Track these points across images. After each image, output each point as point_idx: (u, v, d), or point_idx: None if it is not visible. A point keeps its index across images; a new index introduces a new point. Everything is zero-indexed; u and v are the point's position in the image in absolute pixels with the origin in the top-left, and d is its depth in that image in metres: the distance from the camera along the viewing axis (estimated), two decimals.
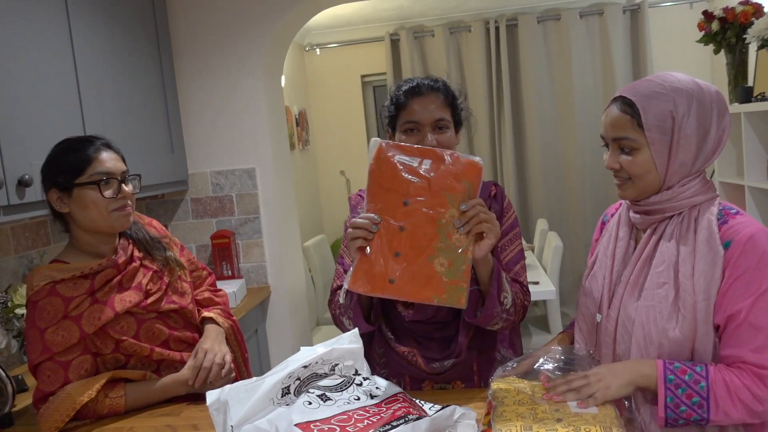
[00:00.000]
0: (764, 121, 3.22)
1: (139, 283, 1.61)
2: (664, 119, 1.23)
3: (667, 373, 1.19)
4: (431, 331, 1.59)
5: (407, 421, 1.18)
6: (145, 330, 1.60)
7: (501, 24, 4.78)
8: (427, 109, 1.54)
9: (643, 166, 1.26)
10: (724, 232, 1.22)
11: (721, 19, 3.48)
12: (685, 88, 1.24)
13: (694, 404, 1.18)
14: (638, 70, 4.69)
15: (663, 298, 1.25)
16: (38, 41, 1.98)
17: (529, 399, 1.23)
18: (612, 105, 1.30)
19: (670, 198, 1.27)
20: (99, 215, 1.53)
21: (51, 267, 1.55)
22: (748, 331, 1.18)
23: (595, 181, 4.81)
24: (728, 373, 1.19)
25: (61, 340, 1.49)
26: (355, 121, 5.29)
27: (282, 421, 1.19)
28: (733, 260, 1.20)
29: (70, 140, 1.59)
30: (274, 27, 2.84)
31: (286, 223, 3.08)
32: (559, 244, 3.56)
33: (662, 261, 1.27)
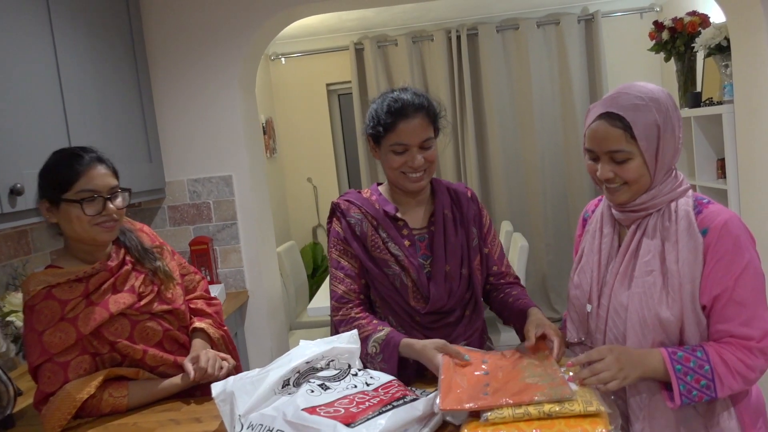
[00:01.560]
0: (712, 125, 3.41)
1: (132, 286, 1.66)
2: (651, 129, 1.35)
3: (674, 364, 1.32)
4: (437, 320, 1.70)
5: (406, 402, 1.28)
6: (139, 331, 1.65)
7: (462, 33, 4.93)
8: (415, 131, 1.63)
9: (637, 171, 1.37)
10: (701, 221, 1.36)
11: (670, 29, 3.68)
12: (657, 97, 1.36)
13: (703, 387, 1.32)
14: (593, 77, 4.89)
15: (652, 285, 1.37)
16: (25, 57, 2.02)
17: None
18: (598, 121, 1.38)
19: (654, 197, 1.40)
20: (82, 229, 1.58)
21: (46, 272, 1.59)
22: (733, 307, 1.33)
23: (555, 183, 5.00)
24: (723, 350, 1.33)
25: (58, 342, 1.54)
26: (322, 129, 5.37)
27: (289, 407, 1.27)
28: (711, 245, 1.34)
29: (65, 152, 1.62)
30: (249, 39, 2.92)
31: (262, 229, 3.15)
32: (524, 244, 3.70)
33: (648, 251, 1.40)
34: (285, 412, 1.26)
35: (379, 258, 1.69)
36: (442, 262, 1.69)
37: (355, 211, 1.74)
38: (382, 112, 1.65)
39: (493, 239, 1.80)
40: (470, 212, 1.76)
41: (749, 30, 2.69)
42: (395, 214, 1.72)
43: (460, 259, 1.71)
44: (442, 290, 1.68)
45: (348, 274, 1.73)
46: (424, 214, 1.76)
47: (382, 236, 1.70)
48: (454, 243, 1.71)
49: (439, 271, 1.68)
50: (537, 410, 1.21)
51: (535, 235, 5.00)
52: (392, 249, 1.69)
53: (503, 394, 1.26)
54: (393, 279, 1.68)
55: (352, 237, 1.72)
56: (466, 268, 1.72)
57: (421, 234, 1.73)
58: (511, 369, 1.39)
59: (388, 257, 1.69)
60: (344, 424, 1.19)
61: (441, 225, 1.72)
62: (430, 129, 1.66)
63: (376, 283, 1.71)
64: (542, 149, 4.96)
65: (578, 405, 1.21)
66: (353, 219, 1.73)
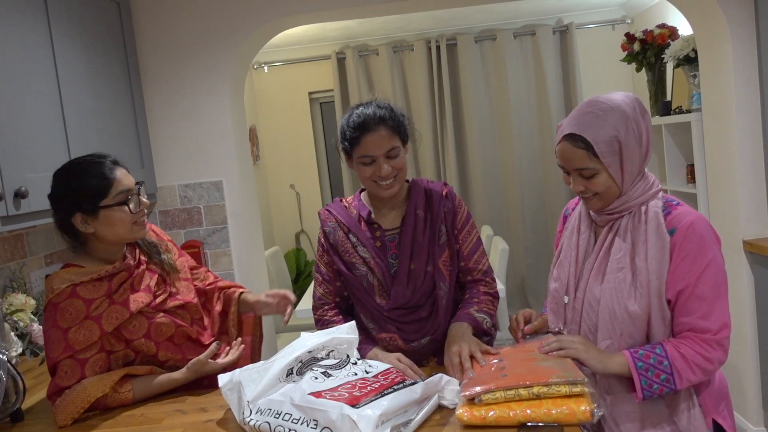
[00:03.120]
0: (682, 132, 3.56)
1: (147, 285, 1.75)
2: (612, 143, 1.44)
3: (636, 362, 1.44)
4: (407, 315, 1.82)
5: (405, 386, 1.38)
6: (155, 327, 1.73)
7: (441, 43, 5.06)
8: (378, 143, 1.73)
9: (605, 184, 1.48)
10: (669, 221, 1.47)
11: (641, 40, 3.83)
12: (619, 109, 1.45)
13: (663, 381, 1.43)
14: (568, 85, 5.05)
15: (622, 281, 1.49)
16: (26, 65, 2.08)
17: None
18: (564, 142, 1.48)
19: (626, 201, 1.51)
20: (125, 230, 1.67)
21: (69, 271, 1.66)
22: (694, 302, 1.44)
23: (532, 189, 5.14)
24: (681, 345, 1.44)
25: (83, 339, 1.62)
26: (304, 137, 5.46)
27: (295, 393, 1.37)
28: (678, 244, 1.45)
29: (80, 164, 1.67)
30: (238, 48, 3.00)
31: (251, 233, 3.22)
32: (505, 247, 3.82)
33: (619, 250, 1.51)
34: (292, 397, 1.35)
35: (348, 261, 1.84)
36: (407, 261, 1.80)
37: (331, 220, 1.88)
38: (347, 128, 1.77)
39: (466, 235, 1.87)
40: (441, 210, 1.84)
41: (715, 42, 2.84)
42: (369, 218, 1.85)
43: (426, 257, 1.81)
44: (404, 288, 1.79)
45: (325, 278, 1.91)
46: (398, 216, 1.87)
47: (352, 241, 1.84)
48: (421, 242, 1.81)
49: (403, 270, 1.80)
50: (527, 392, 1.32)
51: (514, 238, 5.13)
52: (361, 252, 1.82)
53: (521, 376, 1.35)
54: (361, 279, 1.82)
55: (327, 245, 1.88)
56: (431, 265, 1.82)
57: (392, 235, 1.85)
58: (524, 357, 1.49)
59: (356, 260, 1.82)
60: (350, 405, 1.28)
61: (411, 225, 1.82)
62: (395, 138, 1.75)
63: (348, 284, 1.87)
64: (520, 156, 5.10)
65: (564, 387, 1.32)
66: (328, 228, 1.88)
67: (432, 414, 1.42)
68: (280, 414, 1.34)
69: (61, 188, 1.65)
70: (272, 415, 1.35)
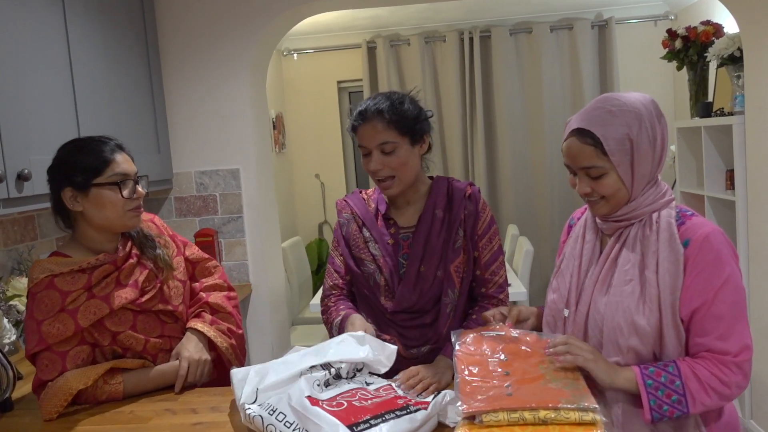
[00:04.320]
0: (723, 135, 3.40)
1: (136, 281, 1.67)
2: (623, 142, 1.33)
3: (645, 379, 1.31)
4: (410, 320, 1.72)
5: (410, 412, 1.28)
6: (141, 322, 1.66)
7: (474, 35, 4.92)
8: (370, 134, 1.65)
9: (613, 186, 1.37)
10: (683, 232, 1.35)
11: (683, 37, 3.66)
12: (633, 108, 1.34)
13: (674, 402, 1.30)
14: (605, 82, 4.87)
15: (629, 294, 1.36)
16: (36, 42, 2.03)
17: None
18: (571, 138, 1.38)
19: (635, 208, 1.39)
20: (115, 214, 1.60)
21: (51, 260, 1.60)
22: (711, 321, 1.31)
23: (562, 189, 4.98)
24: (696, 365, 1.31)
25: (56, 332, 1.55)
26: (331, 126, 5.38)
27: (294, 392, 1.30)
28: (692, 258, 1.32)
29: (82, 141, 1.64)
30: (260, 32, 2.92)
31: (267, 224, 3.16)
32: (529, 249, 3.70)
33: (628, 260, 1.39)
34: (291, 395, 1.29)
35: (358, 257, 1.76)
36: (417, 262, 1.71)
37: (347, 211, 1.82)
38: (351, 115, 1.71)
39: (487, 242, 1.76)
40: (460, 212, 1.73)
41: (762, 41, 2.67)
42: (386, 213, 1.77)
43: (437, 261, 1.71)
44: (410, 290, 1.70)
45: (336, 269, 1.83)
46: (415, 213, 1.77)
47: (365, 236, 1.76)
48: (435, 244, 1.71)
49: (412, 272, 1.70)
50: (533, 416, 1.21)
51: (541, 239, 4.99)
52: (372, 248, 1.74)
53: (527, 398, 1.24)
54: (368, 277, 1.74)
55: (341, 236, 1.81)
56: (442, 270, 1.71)
57: (406, 233, 1.75)
58: (532, 371, 1.35)
59: (366, 256, 1.74)
60: (346, 426, 1.19)
61: (426, 225, 1.72)
62: (390, 133, 1.65)
63: (355, 280, 1.79)
64: (551, 155, 4.95)
65: (574, 414, 1.21)
66: (343, 219, 1.81)
67: None
68: (275, 411, 1.27)
69: (57, 160, 1.61)
70: (268, 410, 1.28)
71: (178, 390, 1.65)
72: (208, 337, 1.76)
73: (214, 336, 1.77)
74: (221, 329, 1.81)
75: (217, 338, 1.78)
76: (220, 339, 1.79)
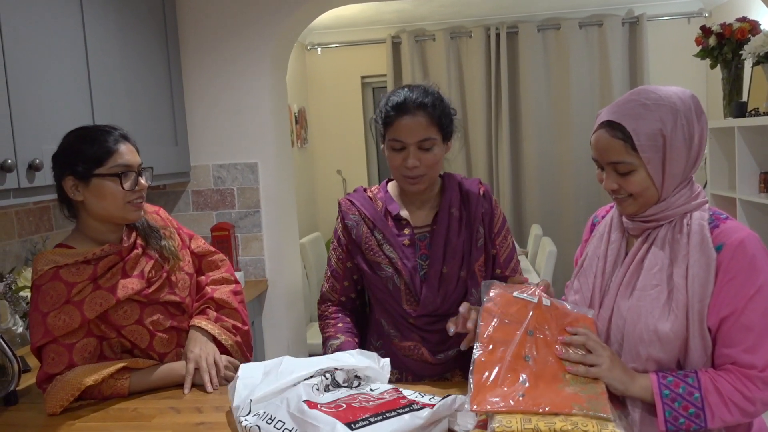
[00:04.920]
0: (757, 136, 3.29)
1: (142, 271, 1.63)
2: (655, 138, 1.25)
3: (662, 389, 1.24)
4: (433, 323, 1.65)
5: (412, 410, 1.22)
6: (148, 314, 1.62)
7: (501, 31, 4.84)
8: (413, 129, 1.56)
9: (642, 184, 1.29)
10: (716, 236, 1.27)
11: (718, 34, 3.55)
12: (668, 102, 1.26)
13: (691, 415, 1.22)
14: (635, 81, 4.76)
15: (654, 299, 1.29)
16: (51, 31, 2.00)
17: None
18: (600, 130, 1.31)
19: (665, 208, 1.31)
20: (114, 206, 1.56)
21: (55, 252, 1.57)
22: (740, 332, 1.23)
23: (588, 189, 4.88)
24: (719, 378, 1.23)
25: (62, 324, 1.52)
26: (354, 122, 5.33)
27: (293, 397, 1.26)
28: (724, 264, 1.24)
29: (87, 129, 1.60)
30: (281, 25, 2.88)
31: (285, 219, 3.12)
32: (552, 249, 3.61)
33: (655, 264, 1.31)
34: (289, 401, 1.24)
35: (373, 261, 1.67)
36: (439, 263, 1.63)
37: (354, 212, 1.71)
38: (385, 105, 1.60)
39: (503, 240, 1.71)
40: (478, 211, 1.67)
41: None
42: (398, 213, 1.68)
43: (460, 261, 1.64)
44: (435, 293, 1.62)
45: (333, 273, 1.77)
46: (429, 212, 1.69)
47: (377, 238, 1.67)
48: (455, 244, 1.64)
49: (435, 274, 1.63)
50: (547, 427, 1.14)
51: (565, 240, 4.88)
52: (387, 251, 1.66)
53: (540, 400, 1.18)
54: (386, 281, 1.65)
55: (346, 240, 1.72)
56: (465, 270, 1.64)
57: (422, 233, 1.67)
58: (553, 364, 1.27)
59: (382, 259, 1.66)
60: (344, 424, 1.14)
61: (444, 224, 1.65)
62: (432, 129, 1.57)
63: (371, 285, 1.70)
64: (578, 154, 4.85)
65: (592, 426, 1.14)
66: (350, 222, 1.70)
67: None
68: (273, 420, 1.23)
69: (61, 147, 1.58)
70: (265, 419, 1.23)
71: (187, 391, 1.61)
72: (212, 335, 1.72)
73: (218, 334, 1.73)
74: (226, 326, 1.77)
75: (222, 336, 1.74)
76: (225, 336, 1.75)
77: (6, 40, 1.77)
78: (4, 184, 1.75)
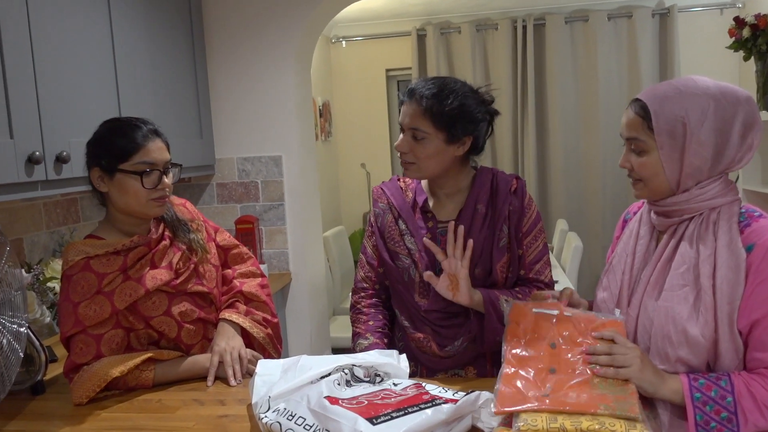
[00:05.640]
0: None
1: (170, 262, 1.64)
2: (675, 125, 1.22)
3: (693, 392, 1.20)
4: (444, 319, 1.64)
5: (435, 404, 1.21)
6: (176, 305, 1.63)
7: (528, 23, 4.77)
8: (406, 114, 1.59)
9: (651, 168, 1.27)
10: (747, 236, 1.22)
11: (752, 25, 3.46)
12: (704, 93, 1.22)
13: (723, 419, 1.18)
14: (665, 74, 4.66)
15: (683, 300, 1.25)
16: (78, 24, 2.02)
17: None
18: (630, 106, 1.31)
19: (688, 200, 1.27)
20: (136, 203, 1.56)
21: (86, 242, 1.58)
22: None
23: (615, 184, 4.80)
24: (753, 382, 1.19)
25: (93, 315, 1.53)
26: (378, 115, 5.31)
27: (313, 393, 1.25)
28: (755, 265, 1.19)
29: (120, 121, 1.60)
30: (306, 17, 2.87)
31: (309, 212, 3.12)
32: (578, 245, 3.56)
33: (682, 263, 1.27)
34: (309, 397, 1.24)
35: (392, 250, 1.69)
36: None
37: (383, 201, 1.73)
38: (401, 91, 1.65)
39: (532, 240, 1.66)
40: (505, 208, 1.63)
41: None
42: (425, 205, 1.68)
43: (478, 259, 1.62)
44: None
45: (369, 260, 1.77)
46: (456, 207, 1.67)
47: (401, 228, 1.67)
48: (475, 240, 1.59)
49: None
50: (573, 426, 1.12)
51: (592, 236, 4.83)
52: (407, 242, 1.66)
53: (566, 400, 1.16)
54: (402, 272, 1.66)
55: (375, 226, 1.74)
56: (481, 268, 1.62)
57: (445, 227, 1.64)
58: (579, 371, 1.25)
59: (401, 249, 1.67)
60: (365, 419, 1.13)
61: (467, 221, 1.62)
62: (425, 123, 1.55)
63: (389, 274, 1.71)
64: (605, 148, 4.78)
65: (620, 426, 1.11)
66: (378, 209, 1.73)
67: None
68: (294, 416, 1.22)
69: (93, 137, 1.59)
70: (286, 416, 1.23)
71: (210, 383, 1.61)
72: (243, 328, 1.72)
73: (249, 327, 1.73)
74: (256, 319, 1.77)
75: (253, 329, 1.74)
76: (256, 329, 1.75)
77: (35, 34, 1.79)
78: (33, 176, 1.76)
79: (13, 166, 1.70)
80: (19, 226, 2.18)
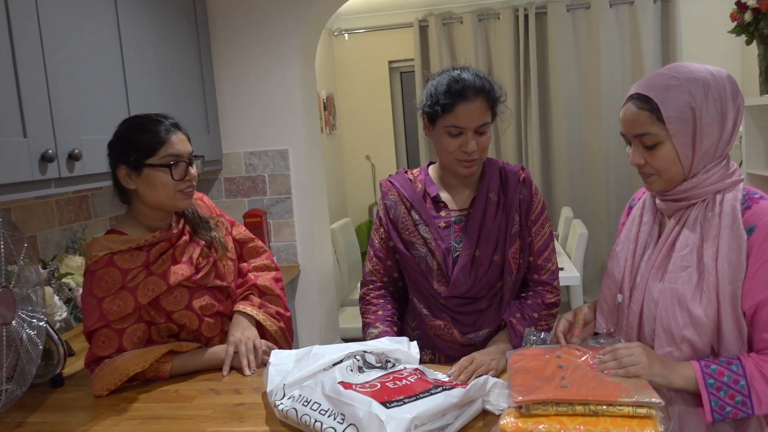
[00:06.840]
0: None
1: (190, 257, 1.68)
2: (684, 111, 1.24)
3: (707, 378, 1.22)
4: (463, 305, 1.67)
5: (445, 389, 1.24)
6: (197, 299, 1.67)
7: (530, 12, 4.78)
8: (473, 114, 1.57)
9: (667, 159, 1.28)
10: (748, 218, 1.24)
11: (754, 9, 3.45)
12: (699, 77, 1.25)
13: (738, 403, 1.21)
14: (668, 60, 4.66)
15: (686, 281, 1.27)
16: (87, 24, 2.04)
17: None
18: (628, 102, 1.30)
19: (696, 185, 1.29)
20: (165, 195, 1.60)
21: (109, 238, 1.61)
22: None
23: (619, 171, 4.82)
24: (764, 363, 1.21)
25: (117, 309, 1.56)
26: (382, 107, 5.33)
27: (327, 379, 1.28)
28: (756, 246, 1.22)
29: (141, 118, 1.64)
30: (310, 11, 2.89)
31: (316, 205, 3.15)
32: (584, 232, 3.58)
33: (686, 245, 1.29)
34: (324, 383, 1.27)
35: (408, 240, 1.70)
36: (472, 246, 1.64)
37: (393, 193, 1.74)
38: (441, 92, 1.58)
39: (539, 228, 1.71)
40: (516, 196, 1.68)
41: None
42: (436, 195, 1.70)
43: (494, 245, 1.65)
44: (466, 275, 1.64)
45: (377, 254, 1.79)
46: (468, 196, 1.71)
47: (414, 218, 1.70)
48: (490, 228, 1.65)
49: (467, 256, 1.64)
50: (584, 407, 1.15)
51: (596, 223, 4.85)
52: (422, 231, 1.68)
53: (584, 391, 1.18)
54: (419, 261, 1.68)
55: (386, 219, 1.75)
56: (499, 255, 1.65)
57: (459, 216, 1.69)
58: (589, 369, 1.28)
59: (417, 239, 1.69)
60: (380, 402, 1.16)
61: (481, 209, 1.66)
62: (488, 114, 1.60)
63: (405, 264, 1.73)
64: (608, 135, 4.78)
65: (628, 407, 1.14)
66: (389, 202, 1.74)
67: (474, 420, 1.28)
68: (309, 402, 1.25)
69: (115, 136, 1.63)
70: (301, 402, 1.26)
71: (225, 373, 1.65)
72: (257, 320, 1.76)
73: (263, 320, 1.77)
74: (270, 312, 1.81)
75: (266, 321, 1.78)
76: (269, 322, 1.79)
77: (44, 33, 1.82)
78: (46, 174, 1.79)
79: (27, 164, 1.73)
80: (33, 224, 2.21)
